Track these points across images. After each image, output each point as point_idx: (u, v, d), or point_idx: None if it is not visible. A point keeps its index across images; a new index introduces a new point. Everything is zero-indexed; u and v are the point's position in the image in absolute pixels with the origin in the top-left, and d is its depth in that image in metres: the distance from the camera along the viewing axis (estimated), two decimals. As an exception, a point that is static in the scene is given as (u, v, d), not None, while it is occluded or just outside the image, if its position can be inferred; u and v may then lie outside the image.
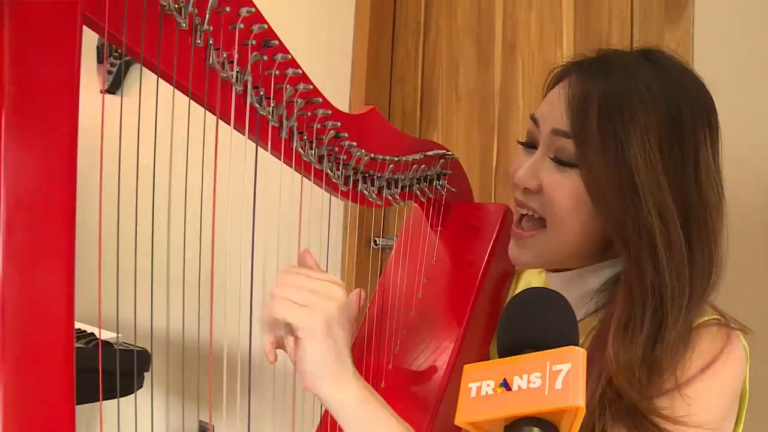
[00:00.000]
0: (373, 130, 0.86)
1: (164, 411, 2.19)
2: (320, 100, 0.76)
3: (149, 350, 1.75)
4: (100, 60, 3.26)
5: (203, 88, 0.66)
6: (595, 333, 0.76)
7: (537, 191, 0.79)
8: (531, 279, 1.02)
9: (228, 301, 0.66)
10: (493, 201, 1.77)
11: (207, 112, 0.68)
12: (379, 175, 0.88)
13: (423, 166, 0.95)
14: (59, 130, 0.53)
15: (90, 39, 0.55)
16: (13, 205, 0.50)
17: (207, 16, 0.63)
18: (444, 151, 0.99)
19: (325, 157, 0.80)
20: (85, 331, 1.86)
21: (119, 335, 1.75)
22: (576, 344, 0.51)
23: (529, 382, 0.48)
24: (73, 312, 0.53)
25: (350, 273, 1.89)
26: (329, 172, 0.81)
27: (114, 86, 3.11)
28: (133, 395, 0.88)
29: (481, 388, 0.50)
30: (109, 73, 3.14)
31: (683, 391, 0.69)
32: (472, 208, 1.08)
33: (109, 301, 0.64)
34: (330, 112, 0.78)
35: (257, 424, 0.73)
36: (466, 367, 0.53)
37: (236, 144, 0.68)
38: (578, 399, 0.46)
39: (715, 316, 0.75)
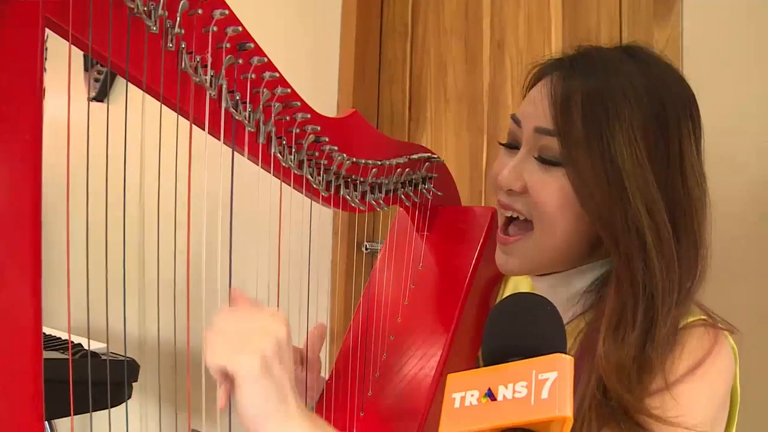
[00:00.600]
0: (355, 134, 0.84)
1: (154, 420, 2.17)
2: (299, 103, 0.74)
3: (136, 360, 1.74)
4: (87, 68, 3.25)
5: (175, 93, 0.63)
6: (582, 336, 0.74)
7: (522, 192, 0.77)
8: (518, 282, 1.00)
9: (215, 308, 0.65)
10: (483, 203, 1.75)
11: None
12: (361, 179, 0.86)
13: (408, 169, 0.93)
14: (22, 137, 0.51)
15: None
16: None
17: (178, 18, 0.61)
18: (429, 155, 0.97)
19: (305, 162, 0.78)
20: (72, 342, 1.83)
21: (107, 345, 1.72)
22: (563, 350, 0.49)
23: (514, 391, 0.46)
24: (41, 322, 0.52)
25: (340, 278, 1.87)
26: (309, 177, 0.79)
27: (101, 94, 3.09)
28: (121, 406, 0.86)
29: (465, 398, 0.48)
30: (96, 80, 3.12)
31: (672, 391, 0.68)
32: (459, 212, 1.06)
33: (97, 312, 0.63)
34: (309, 116, 0.75)
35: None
36: (449, 376, 0.51)
37: (220, 151, 0.67)
38: (565, 409, 0.44)
39: (702, 317, 0.74)
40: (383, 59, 1.97)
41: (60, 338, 1.89)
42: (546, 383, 0.46)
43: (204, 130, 0.66)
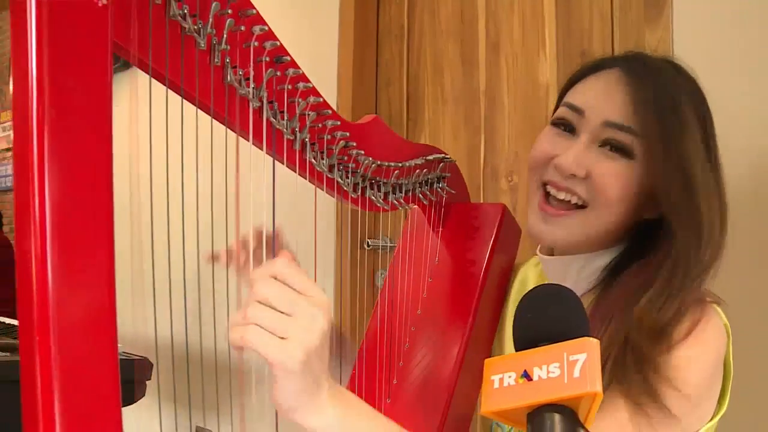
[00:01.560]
0: (378, 138, 0.89)
1: (164, 418, 2.21)
2: (329, 111, 0.79)
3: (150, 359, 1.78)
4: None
5: (223, 106, 0.68)
6: (592, 307, 0.84)
7: (584, 178, 0.84)
8: (528, 271, 1.07)
9: (221, 306, 0.65)
10: (481, 198, 1.81)
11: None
12: (384, 181, 0.91)
13: (425, 170, 0.99)
14: (96, 151, 0.55)
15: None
16: (57, 223, 0.52)
17: (224, 35, 0.66)
18: (443, 155, 1.02)
19: (336, 166, 0.83)
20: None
21: (119, 345, 1.75)
22: (588, 334, 0.55)
23: (548, 372, 0.52)
24: (116, 322, 0.54)
25: (344, 274, 1.92)
26: (339, 180, 0.84)
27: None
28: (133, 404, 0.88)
29: (504, 379, 0.54)
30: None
31: (669, 356, 0.76)
32: (471, 209, 1.12)
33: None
34: (339, 123, 0.80)
35: (255, 426, 0.74)
36: (487, 361, 0.56)
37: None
38: (596, 385, 0.50)
39: None
40: (380, 61, 2.03)
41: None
42: (577, 363, 0.51)
43: (249, 140, 0.70)
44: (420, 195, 1.00)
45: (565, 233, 0.87)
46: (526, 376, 0.53)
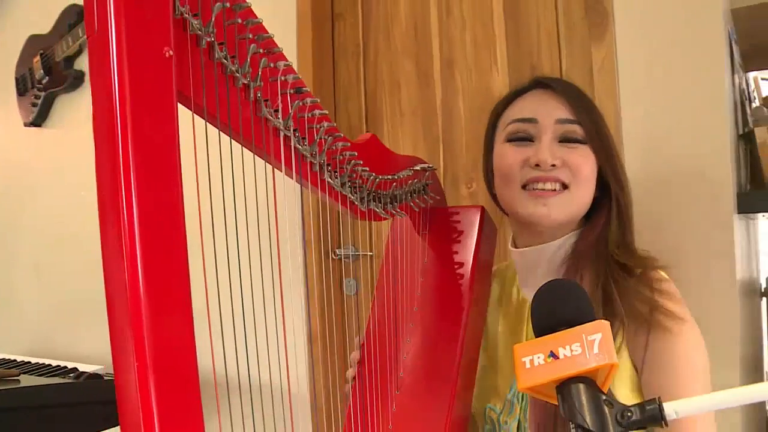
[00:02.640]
0: (375, 155, 0.98)
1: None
2: (340, 134, 0.87)
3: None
4: (21, 92, 3.23)
5: (259, 137, 0.74)
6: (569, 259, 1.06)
7: (561, 166, 1.03)
8: (505, 278, 1.21)
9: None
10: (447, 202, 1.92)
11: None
12: (384, 193, 1.01)
13: (414, 179, 1.10)
14: (170, 182, 0.60)
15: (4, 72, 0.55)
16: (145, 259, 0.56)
17: (259, 73, 0.72)
18: (426, 164, 1.13)
19: (346, 183, 0.92)
20: (66, 367, 1.89)
21: (103, 367, 1.80)
22: (596, 318, 0.67)
23: (572, 351, 0.64)
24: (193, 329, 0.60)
25: (314, 283, 2.01)
26: (351, 196, 0.93)
27: (39, 118, 3.09)
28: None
29: (533, 360, 0.65)
30: (33, 105, 3.11)
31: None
32: (452, 212, 1.23)
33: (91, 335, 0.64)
34: (349, 144, 0.89)
35: None
36: (515, 346, 0.67)
37: (285, 182, 0.76)
38: (613, 357, 0.62)
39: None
40: (338, 78, 2.13)
41: (47, 364, 1.94)
42: (595, 342, 0.63)
43: (281, 171, 0.79)
44: (411, 204, 1.11)
45: (561, 211, 1.04)
46: (553, 355, 0.64)
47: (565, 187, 1.04)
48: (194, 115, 0.67)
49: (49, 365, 1.95)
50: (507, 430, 1.08)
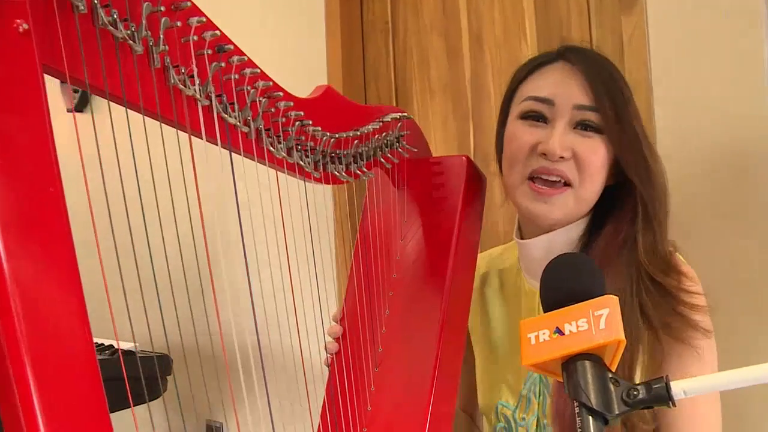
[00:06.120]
0: (333, 110, 0.88)
1: (175, 413, 2.27)
2: (281, 94, 0.77)
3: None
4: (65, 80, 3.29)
5: (170, 109, 0.65)
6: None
7: (569, 158, 0.96)
8: (503, 269, 1.17)
9: (224, 301, 0.68)
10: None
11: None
12: (345, 152, 0.91)
13: (383, 132, 0.98)
14: (39, 167, 0.52)
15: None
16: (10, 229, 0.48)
17: (161, 35, 0.63)
18: (399, 114, 1.02)
19: (294, 147, 0.82)
20: (102, 344, 1.93)
21: (137, 344, 1.81)
22: (605, 293, 0.65)
23: (578, 326, 0.62)
24: (88, 319, 0.52)
25: (348, 264, 2.00)
26: (300, 161, 0.84)
27: (81, 104, 3.15)
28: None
29: (539, 336, 0.63)
30: (75, 91, 3.17)
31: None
32: (433, 163, 1.12)
33: (119, 313, 0.62)
34: (292, 103, 0.79)
35: (267, 420, 0.75)
36: (521, 322, 0.65)
37: (213, 151, 0.69)
38: (620, 334, 0.59)
39: None
40: (367, 57, 2.11)
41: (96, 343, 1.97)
42: (602, 317, 0.61)
43: (202, 138, 0.68)
44: (382, 159, 1.00)
45: (562, 210, 0.98)
46: (559, 331, 0.62)
47: (568, 183, 0.97)
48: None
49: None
50: (525, 428, 1.04)
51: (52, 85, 0.55)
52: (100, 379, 0.52)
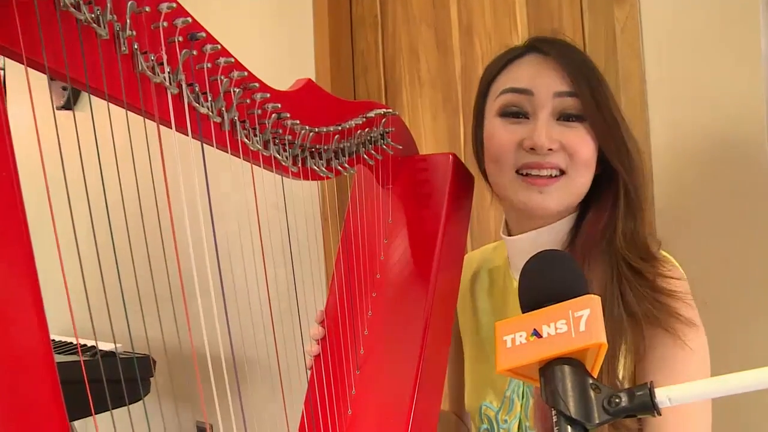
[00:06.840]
0: (313, 103, 0.85)
1: (166, 414, 2.24)
2: (257, 84, 0.75)
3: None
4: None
5: (137, 97, 0.63)
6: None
7: (558, 150, 0.92)
8: (492, 267, 1.13)
9: (207, 303, 0.65)
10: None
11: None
12: (326, 147, 0.88)
13: (366, 128, 0.95)
14: None
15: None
16: None
17: (128, 21, 0.60)
18: (384, 110, 0.99)
19: (271, 141, 0.80)
20: (85, 344, 1.90)
21: (118, 345, 1.79)
22: (587, 292, 0.60)
23: (556, 328, 0.57)
24: (45, 320, 0.51)
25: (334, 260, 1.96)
26: (277, 155, 0.81)
27: (69, 103, 3.10)
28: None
29: (515, 339, 0.59)
30: (64, 89, 3.12)
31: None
32: (419, 161, 1.09)
33: (100, 314, 0.62)
34: (269, 95, 0.77)
35: (252, 419, 0.73)
36: (497, 324, 0.61)
37: (192, 146, 0.67)
38: (601, 337, 0.55)
39: None
40: (356, 50, 2.06)
41: (70, 342, 1.95)
42: (582, 319, 0.57)
43: (171, 128, 0.66)
44: (365, 156, 0.97)
45: (557, 200, 0.94)
46: (536, 334, 0.58)
47: (562, 172, 0.94)
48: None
49: (69, 343, 1.95)
50: (507, 430, 1.01)
51: (41, 82, 0.55)
52: (56, 374, 0.51)
